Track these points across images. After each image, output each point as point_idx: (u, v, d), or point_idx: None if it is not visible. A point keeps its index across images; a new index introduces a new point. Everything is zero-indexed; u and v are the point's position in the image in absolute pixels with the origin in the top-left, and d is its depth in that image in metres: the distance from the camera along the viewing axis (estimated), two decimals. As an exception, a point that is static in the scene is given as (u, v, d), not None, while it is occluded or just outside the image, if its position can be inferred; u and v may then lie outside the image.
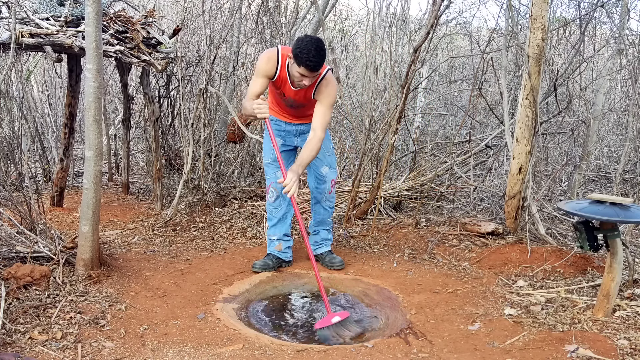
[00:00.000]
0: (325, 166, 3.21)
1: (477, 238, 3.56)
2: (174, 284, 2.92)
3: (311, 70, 2.69)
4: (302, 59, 2.65)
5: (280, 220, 3.25)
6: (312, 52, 2.64)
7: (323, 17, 4.67)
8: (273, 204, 3.24)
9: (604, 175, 5.55)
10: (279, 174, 3.09)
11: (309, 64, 2.66)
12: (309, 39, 2.69)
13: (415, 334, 2.39)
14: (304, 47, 2.64)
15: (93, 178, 2.70)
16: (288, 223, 3.29)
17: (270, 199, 3.24)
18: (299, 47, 2.65)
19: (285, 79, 2.90)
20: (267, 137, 3.20)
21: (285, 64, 2.85)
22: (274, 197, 3.22)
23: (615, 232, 2.35)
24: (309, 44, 2.64)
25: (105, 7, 3.98)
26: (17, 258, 2.69)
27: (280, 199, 3.22)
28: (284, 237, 3.27)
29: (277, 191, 3.19)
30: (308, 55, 2.64)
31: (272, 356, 2.16)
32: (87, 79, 2.63)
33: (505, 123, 3.60)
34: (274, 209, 3.25)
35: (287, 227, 3.29)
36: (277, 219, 3.25)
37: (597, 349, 2.12)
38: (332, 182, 3.26)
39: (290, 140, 3.24)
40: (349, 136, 6.18)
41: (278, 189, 3.17)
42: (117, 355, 2.11)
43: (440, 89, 6.65)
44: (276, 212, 3.24)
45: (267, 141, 3.20)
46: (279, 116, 3.18)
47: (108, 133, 5.74)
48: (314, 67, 2.68)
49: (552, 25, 4.60)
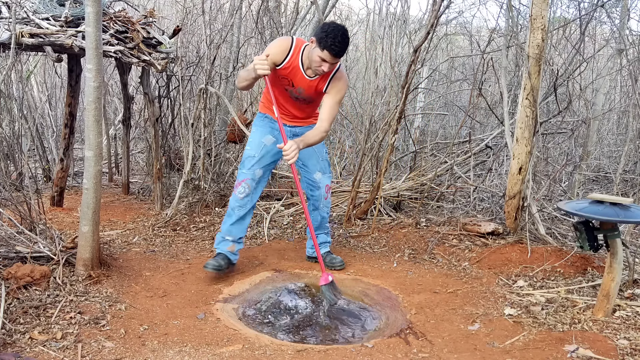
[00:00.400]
0: (318, 172, 3.15)
1: (477, 238, 3.56)
2: (174, 284, 2.92)
3: (335, 55, 2.68)
4: (328, 43, 2.64)
5: (240, 219, 3.05)
6: (338, 37, 2.64)
7: (323, 17, 4.67)
8: (240, 201, 3.02)
9: (604, 175, 5.55)
10: (257, 172, 3.01)
11: (334, 48, 2.65)
12: (335, 25, 2.69)
13: (415, 334, 2.39)
14: (331, 32, 2.64)
15: (93, 178, 2.70)
16: (246, 225, 3.11)
17: (240, 195, 3.01)
18: (325, 31, 2.65)
19: (297, 68, 2.85)
20: (257, 129, 3.09)
21: (298, 53, 2.82)
22: (245, 194, 3.01)
23: (615, 232, 2.35)
24: (335, 30, 2.65)
25: (105, 7, 3.98)
26: (17, 258, 2.69)
27: (249, 198, 3.04)
28: (239, 239, 3.10)
29: (250, 189, 3.02)
30: (334, 39, 2.64)
31: (272, 356, 2.16)
32: (87, 79, 2.63)
33: (505, 123, 3.60)
34: (238, 206, 3.03)
35: (244, 229, 3.11)
36: (238, 218, 3.04)
37: (597, 349, 2.12)
38: (326, 188, 3.20)
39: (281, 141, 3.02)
40: (349, 136, 6.19)
41: (251, 186, 3.02)
42: (117, 355, 2.11)
43: (440, 89, 6.65)
44: (239, 210, 3.03)
45: (258, 133, 3.08)
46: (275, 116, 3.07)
47: (108, 133, 5.74)
48: (338, 52, 2.68)
49: (552, 25, 4.60)
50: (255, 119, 3.17)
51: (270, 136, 3.06)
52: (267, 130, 3.07)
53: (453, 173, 4.50)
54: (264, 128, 3.08)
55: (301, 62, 2.84)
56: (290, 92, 2.96)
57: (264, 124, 3.09)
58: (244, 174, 3.03)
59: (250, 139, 3.11)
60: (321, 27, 2.70)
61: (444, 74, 6.63)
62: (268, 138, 3.06)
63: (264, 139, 3.06)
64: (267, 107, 3.09)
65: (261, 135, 3.06)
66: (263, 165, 3.05)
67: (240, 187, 3.03)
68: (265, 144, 3.05)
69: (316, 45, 2.70)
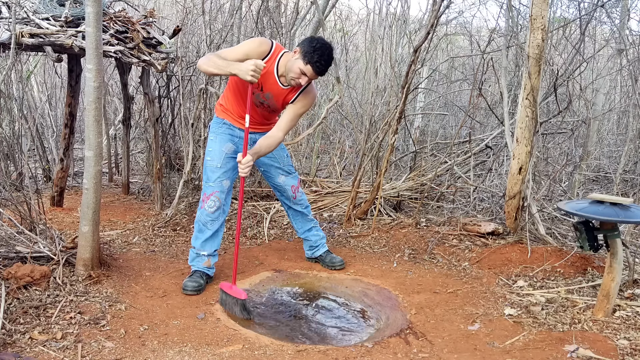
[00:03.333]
0: (281, 175, 3.12)
1: (477, 238, 3.56)
2: (174, 284, 2.92)
3: (317, 73, 2.66)
4: (314, 59, 2.61)
5: (214, 234, 2.94)
6: (325, 55, 2.62)
7: (323, 17, 4.67)
8: (212, 215, 2.90)
9: (604, 175, 5.55)
10: (225, 183, 2.90)
11: (319, 65, 2.63)
12: (324, 42, 2.66)
13: (415, 334, 2.39)
14: (319, 49, 2.61)
15: (93, 178, 2.70)
16: (220, 238, 3.00)
17: (210, 209, 2.89)
18: (314, 46, 2.62)
19: (271, 73, 2.76)
20: (216, 137, 2.94)
21: (275, 58, 2.75)
22: (215, 207, 2.89)
23: (615, 232, 2.35)
24: (323, 47, 2.62)
25: (105, 7, 3.98)
26: (17, 258, 2.69)
27: (220, 211, 2.92)
28: (214, 252, 2.99)
29: (221, 202, 2.90)
30: (321, 57, 2.61)
31: (272, 356, 2.16)
32: (87, 79, 2.63)
33: (505, 123, 3.60)
34: (210, 221, 2.91)
35: (219, 242, 3.00)
36: (212, 232, 2.93)
37: (597, 349, 2.12)
38: (292, 188, 3.16)
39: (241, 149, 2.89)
40: (349, 136, 6.19)
41: (221, 199, 2.90)
42: (117, 355, 2.11)
43: (440, 89, 6.65)
44: (212, 225, 2.91)
45: (218, 142, 2.93)
46: (235, 122, 2.93)
47: (108, 133, 5.74)
48: (322, 71, 2.66)
49: (552, 25, 4.60)
50: (212, 125, 3.00)
51: (230, 144, 2.94)
52: (227, 138, 2.94)
53: (453, 173, 4.50)
54: (223, 136, 2.94)
55: (276, 69, 2.76)
56: (257, 95, 2.84)
57: (222, 131, 2.95)
58: (211, 187, 2.89)
59: (209, 148, 2.95)
60: (309, 41, 2.66)
61: (444, 74, 6.63)
62: (228, 146, 2.93)
63: (224, 147, 2.92)
64: (225, 111, 2.96)
65: (221, 144, 2.92)
66: (229, 176, 2.93)
67: (210, 200, 2.89)
68: (226, 153, 2.92)
69: (300, 57, 2.64)
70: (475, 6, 13.30)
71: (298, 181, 3.21)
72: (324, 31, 4.76)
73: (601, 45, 5.43)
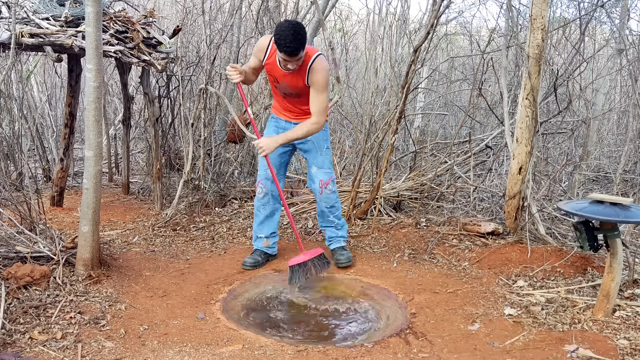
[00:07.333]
0: (314, 166, 3.21)
1: (477, 238, 3.56)
2: (174, 284, 2.92)
3: (289, 55, 2.73)
4: (281, 45, 2.70)
5: (267, 217, 3.26)
6: (289, 37, 2.67)
7: (323, 17, 4.67)
8: (261, 200, 3.24)
9: (604, 175, 5.55)
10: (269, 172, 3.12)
11: (286, 49, 2.71)
12: (287, 24, 2.70)
13: (415, 334, 2.39)
14: (282, 33, 2.68)
15: (93, 178, 2.70)
16: (276, 221, 3.31)
17: (259, 195, 3.24)
18: (277, 33, 2.70)
19: (274, 64, 2.95)
20: (267, 129, 3.26)
21: (276, 50, 2.88)
22: (263, 193, 3.22)
23: (615, 232, 2.35)
24: (286, 30, 2.67)
25: (105, 7, 3.98)
26: (17, 258, 2.69)
27: (269, 196, 3.22)
28: (271, 234, 3.29)
29: (267, 188, 3.20)
30: (285, 41, 2.68)
31: (272, 356, 2.16)
32: (87, 79, 2.63)
33: (505, 123, 3.60)
34: (261, 206, 3.25)
35: (275, 225, 3.31)
36: (265, 216, 3.26)
37: (597, 349, 2.12)
38: (320, 183, 3.20)
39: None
40: (349, 136, 6.18)
41: (267, 185, 3.19)
42: (117, 355, 2.11)
43: (440, 89, 6.66)
44: (264, 209, 3.25)
45: (266, 133, 3.24)
46: (279, 114, 3.23)
47: (108, 133, 5.74)
48: (292, 52, 2.72)
49: (552, 25, 4.60)
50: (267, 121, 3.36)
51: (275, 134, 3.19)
52: (272, 131, 3.22)
53: (453, 173, 4.50)
54: (270, 128, 3.26)
55: (278, 59, 2.91)
56: (278, 88, 3.08)
57: (271, 124, 3.27)
58: (259, 175, 3.24)
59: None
60: (275, 28, 2.75)
61: (444, 74, 6.63)
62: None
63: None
64: (274, 107, 3.28)
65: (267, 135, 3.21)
66: (274, 165, 3.17)
67: (258, 188, 3.24)
68: None
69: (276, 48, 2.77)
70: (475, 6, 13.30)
71: (329, 179, 3.23)
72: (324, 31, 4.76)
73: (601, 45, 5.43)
